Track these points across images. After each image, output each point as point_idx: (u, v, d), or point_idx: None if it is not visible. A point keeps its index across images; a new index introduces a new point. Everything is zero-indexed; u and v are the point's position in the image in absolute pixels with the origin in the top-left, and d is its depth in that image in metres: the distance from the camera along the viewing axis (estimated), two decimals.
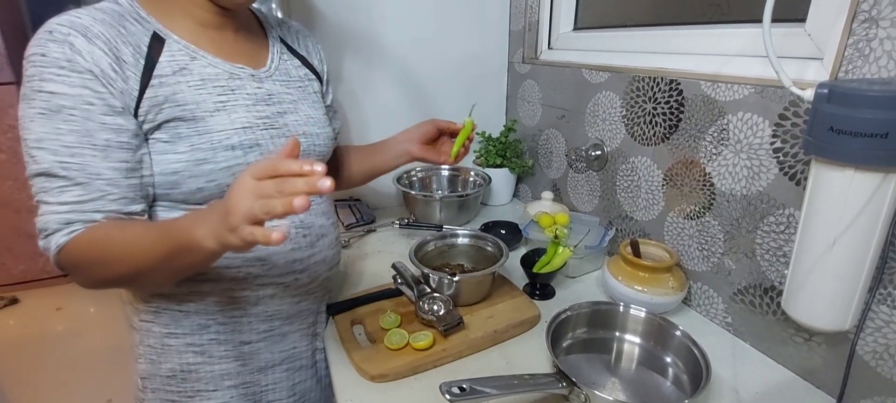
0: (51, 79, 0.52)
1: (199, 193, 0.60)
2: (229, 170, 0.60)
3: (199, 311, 0.66)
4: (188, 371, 0.68)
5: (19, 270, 2.37)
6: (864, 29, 0.56)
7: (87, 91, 0.53)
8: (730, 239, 0.76)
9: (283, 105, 0.68)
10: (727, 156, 0.75)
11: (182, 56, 0.60)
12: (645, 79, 0.89)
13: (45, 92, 0.52)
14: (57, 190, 0.53)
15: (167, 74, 0.58)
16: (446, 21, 1.27)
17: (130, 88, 0.55)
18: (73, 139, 0.53)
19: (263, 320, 0.70)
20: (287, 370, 0.76)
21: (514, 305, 0.82)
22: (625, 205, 0.99)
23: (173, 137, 0.58)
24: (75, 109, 0.53)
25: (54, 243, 0.54)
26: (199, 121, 0.59)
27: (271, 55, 0.71)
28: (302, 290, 0.73)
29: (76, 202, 0.54)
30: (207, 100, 0.60)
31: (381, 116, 1.27)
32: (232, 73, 0.64)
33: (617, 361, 0.73)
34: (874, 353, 0.60)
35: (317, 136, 0.72)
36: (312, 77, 0.77)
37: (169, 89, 0.58)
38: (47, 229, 0.54)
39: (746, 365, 0.72)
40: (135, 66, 0.56)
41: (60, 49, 0.52)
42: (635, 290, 0.80)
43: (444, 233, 0.95)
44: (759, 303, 0.73)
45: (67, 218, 0.54)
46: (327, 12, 1.15)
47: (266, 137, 0.64)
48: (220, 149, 0.60)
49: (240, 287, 0.67)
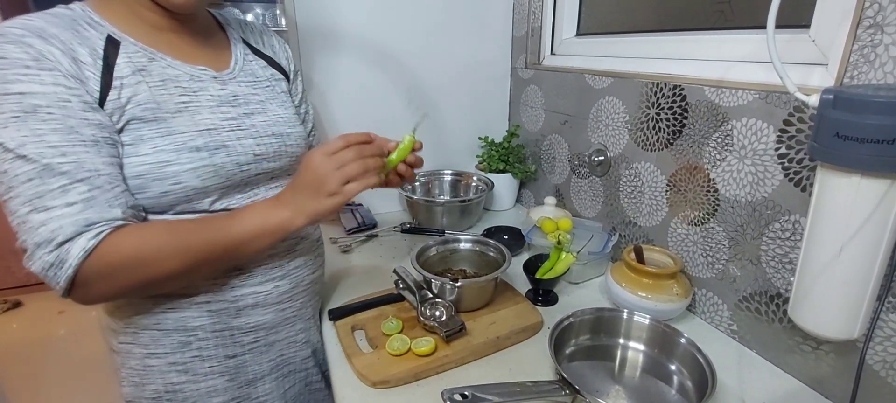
0: (17, 80, 0.49)
1: (165, 197, 0.58)
2: (194, 171, 0.58)
3: (179, 328, 0.65)
4: (174, 392, 0.67)
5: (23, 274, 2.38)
6: (870, 34, 0.56)
7: (60, 88, 0.50)
8: (735, 245, 0.76)
9: (250, 106, 0.67)
10: (731, 161, 0.74)
11: (139, 57, 0.58)
12: (648, 84, 0.89)
13: (13, 93, 0.48)
14: (58, 190, 0.49)
15: (126, 75, 0.56)
16: (450, 27, 1.27)
17: (91, 89, 0.53)
18: (59, 138, 0.50)
19: (246, 331, 0.69)
20: (277, 378, 0.74)
21: (516, 311, 0.81)
22: (628, 211, 0.98)
23: (136, 139, 0.56)
24: (52, 108, 0.50)
25: (79, 248, 0.49)
26: (161, 123, 0.57)
27: (234, 57, 0.70)
28: (285, 297, 0.71)
29: (86, 199, 0.50)
30: (169, 101, 0.58)
31: (387, 124, 1.28)
32: (193, 75, 0.62)
33: (621, 369, 0.73)
34: (884, 363, 0.59)
35: (288, 136, 0.70)
36: (280, 77, 0.75)
37: (130, 90, 0.56)
38: (58, 236, 0.49)
39: (753, 374, 0.71)
40: (93, 66, 0.54)
41: (20, 49, 0.49)
42: (639, 297, 0.79)
43: (447, 239, 0.95)
44: (765, 311, 0.72)
45: (85, 218, 0.50)
46: (332, 21, 1.15)
47: (233, 139, 0.62)
48: (185, 151, 0.58)
49: (219, 299, 0.65)
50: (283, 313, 0.72)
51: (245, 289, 0.67)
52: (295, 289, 0.73)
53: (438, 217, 1.20)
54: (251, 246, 0.60)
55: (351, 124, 1.24)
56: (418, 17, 1.23)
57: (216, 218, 0.60)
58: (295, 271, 0.72)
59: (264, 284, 0.68)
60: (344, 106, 1.23)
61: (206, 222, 0.59)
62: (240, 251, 0.60)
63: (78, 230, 0.50)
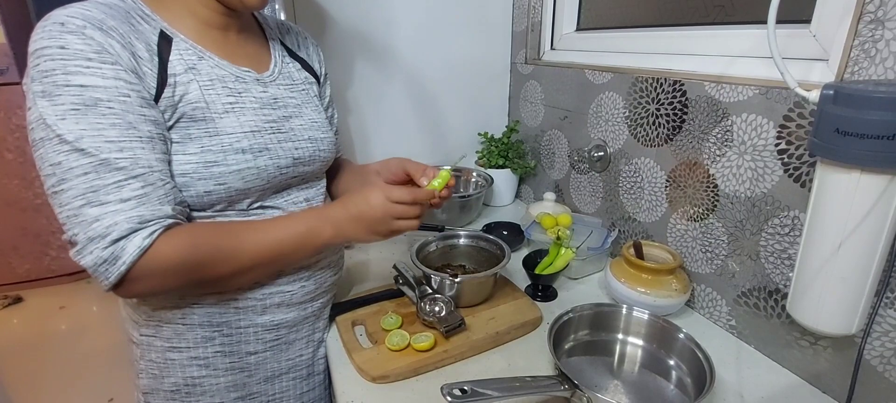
0: (78, 71, 0.48)
1: (207, 197, 0.58)
2: (239, 173, 0.59)
3: (204, 324, 0.65)
4: (193, 385, 0.67)
5: (24, 269, 2.39)
6: (870, 30, 0.56)
7: (121, 82, 0.50)
8: (734, 241, 0.76)
9: (288, 109, 0.68)
10: (731, 157, 0.74)
11: (190, 55, 0.58)
12: (648, 80, 0.89)
13: (74, 85, 0.48)
14: (114, 186, 0.49)
15: (180, 73, 0.57)
16: (449, 22, 1.27)
17: (148, 85, 0.53)
18: (117, 133, 0.50)
19: (269, 329, 0.70)
20: (294, 378, 0.75)
21: (515, 307, 0.81)
22: (628, 207, 0.98)
23: (184, 138, 0.56)
24: (113, 102, 0.50)
25: (134, 247, 0.49)
26: (209, 122, 0.58)
27: (274, 59, 0.70)
28: (308, 297, 0.72)
29: (140, 197, 0.50)
30: (217, 101, 0.59)
31: (386, 119, 1.28)
32: (238, 76, 0.63)
33: (619, 364, 0.73)
34: (882, 358, 0.59)
35: (321, 141, 0.71)
36: (312, 80, 0.76)
37: (183, 88, 0.56)
38: (113, 232, 0.49)
39: (751, 369, 0.71)
40: (150, 62, 0.54)
41: (82, 41, 0.49)
42: (638, 292, 0.79)
43: (446, 234, 0.95)
44: (764, 306, 0.73)
45: (139, 215, 0.50)
46: (332, 16, 1.15)
47: (274, 141, 0.63)
48: (231, 152, 0.58)
49: (246, 297, 0.66)
50: (304, 312, 0.73)
51: (273, 288, 0.67)
52: (318, 290, 0.74)
53: (438, 212, 1.20)
54: (295, 256, 0.64)
55: (351, 123, 1.24)
56: (418, 12, 1.23)
57: (266, 225, 0.61)
58: (319, 272, 0.73)
59: (291, 284, 0.69)
60: (342, 104, 1.22)
61: (256, 228, 0.60)
62: (286, 259, 0.64)
63: (133, 227, 0.50)
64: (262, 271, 0.63)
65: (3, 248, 2.33)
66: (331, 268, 0.76)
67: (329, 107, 0.83)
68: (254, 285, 0.66)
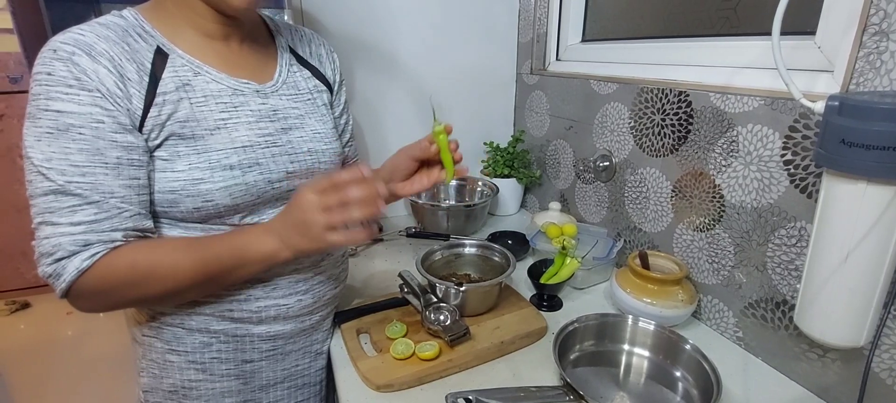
0: (58, 97, 0.51)
1: (197, 213, 0.59)
2: (226, 189, 0.59)
3: (202, 329, 0.66)
4: (190, 388, 0.68)
5: (32, 275, 2.41)
6: (875, 41, 0.56)
7: (96, 109, 0.52)
8: (740, 251, 0.76)
9: (288, 121, 0.66)
10: (737, 168, 0.74)
11: (185, 71, 0.59)
12: (653, 90, 0.89)
13: (51, 111, 0.51)
14: (67, 209, 0.52)
15: (170, 91, 0.57)
16: (455, 32, 1.28)
17: (135, 108, 0.54)
18: (83, 158, 0.52)
19: (266, 339, 0.70)
20: (289, 387, 0.75)
21: (521, 316, 0.81)
22: (633, 217, 0.98)
23: (172, 155, 0.57)
24: (84, 128, 0.52)
25: (73, 267, 0.52)
26: (198, 140, 0.58)
27: (279, 68, 0.69)
28: (306, 310, 0.72)
29: (91, 221, 0.52)
30: (209, 118, 0.59)
31: (392, 128, 1.29)
32: (236, 89, 0.62)
33: (625, 375, 0.72)
34: (891, 371, 0.59)
35: (322, 153, 0.69)
36: (322, 88, 0.74)
37: (171, 107, 0.57)
38: (57, 252, 0.52)
39: (758, 381, 0.70)
40: (139, 83, 0.55)
41: (66, 68, 0.51)
42: (644, 303, 0.79)
43: (452, 243, 0.95)
44: (771, 318, 0.72)
45: (84, 239, 0.52)
46: (339, 26, 1.16)
47: (266, 156, 0.62)
48: (218, 169, 0.58)
49: (242, 309, 0.66)
50: (302, 325, 0.73)
51: (268, 301, 0.67)
52: (316, 303, 0.73)
53: (443, 221, 1.21)
54: (239, 272, 0.60)
55: (356, 132, 1.25)
56: (424, 21, 1.24)
57: (207, 241, 0.60)
58: (318, 286, 0.72)
59: (288, 298, 0.69)
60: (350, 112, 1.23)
61: (196, 245, 0.59)
62: (230, 275, 0.60)
63: (75, 249, 0.52)
64: (205, 288, 0.61)
65: (12, 254, 2.35)
66: (331, 282, 0.75)
67: (343, 113, 0.82)
68: (248, 298, 0.65)
